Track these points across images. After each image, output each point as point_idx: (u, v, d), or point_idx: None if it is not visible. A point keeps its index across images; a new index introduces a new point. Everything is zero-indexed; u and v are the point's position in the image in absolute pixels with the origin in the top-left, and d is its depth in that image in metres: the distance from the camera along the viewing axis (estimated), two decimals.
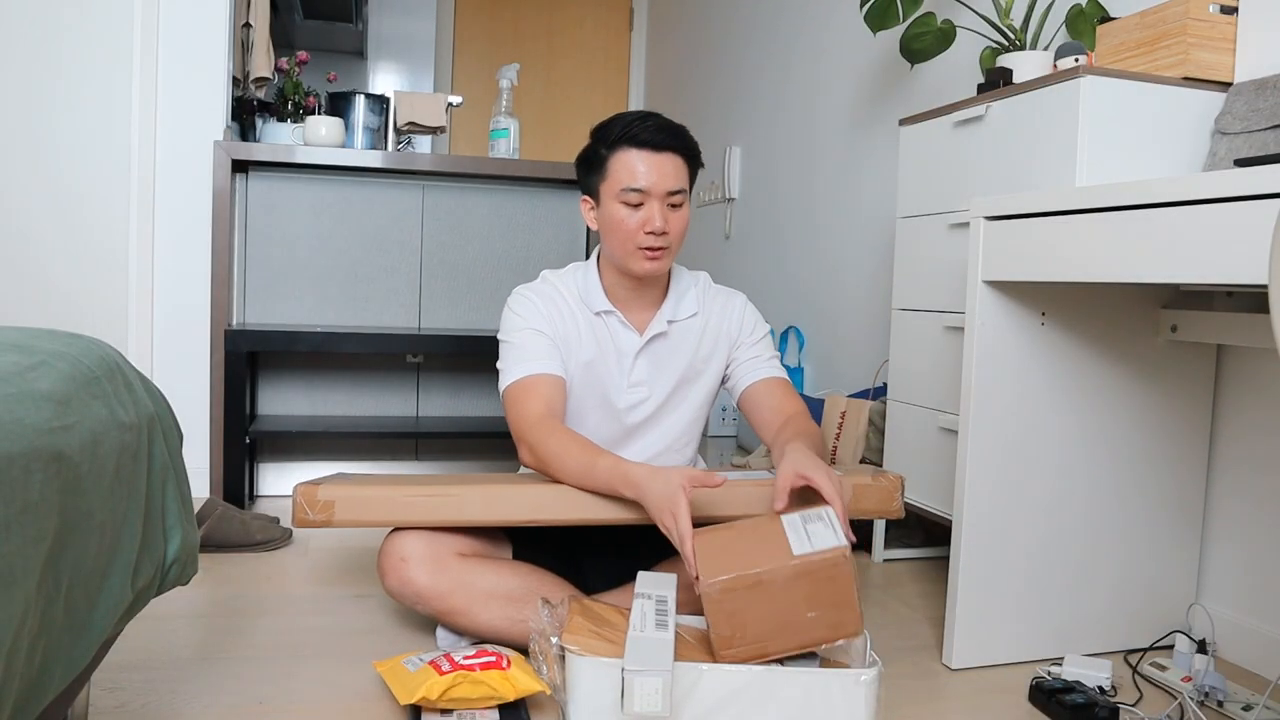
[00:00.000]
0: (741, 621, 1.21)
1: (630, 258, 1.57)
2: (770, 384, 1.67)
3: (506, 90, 2.66)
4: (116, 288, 2.46)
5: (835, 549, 1.20)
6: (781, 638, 1.21)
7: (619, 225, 1.55)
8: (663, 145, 1.54)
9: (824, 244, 3.07)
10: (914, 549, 2.23)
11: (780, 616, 1.21)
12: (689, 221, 1.61)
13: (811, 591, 1.20)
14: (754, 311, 1.73)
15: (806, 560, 1.20)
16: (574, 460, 1.44)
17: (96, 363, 0.98)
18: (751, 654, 1.22)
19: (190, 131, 2.49)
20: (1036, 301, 1.53)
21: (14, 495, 0.72)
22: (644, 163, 1.53)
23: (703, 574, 1.22)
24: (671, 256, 1.59)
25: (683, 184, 1.57)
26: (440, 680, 1.22)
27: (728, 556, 1.24)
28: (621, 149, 1.55)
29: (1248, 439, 1.63)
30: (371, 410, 2.71)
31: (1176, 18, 1.58)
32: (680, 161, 1.56)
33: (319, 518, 1.47)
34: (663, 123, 1.56)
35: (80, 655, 0.88)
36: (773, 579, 1.20)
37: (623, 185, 1.54)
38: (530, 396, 1.54)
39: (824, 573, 1.20)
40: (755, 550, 1.24)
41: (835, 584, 1.20)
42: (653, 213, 1.53)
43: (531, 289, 1.66)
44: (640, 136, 1.54)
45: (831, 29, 3.06)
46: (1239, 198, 1.07)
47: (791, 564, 1.20)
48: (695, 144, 1.61)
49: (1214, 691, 1.42)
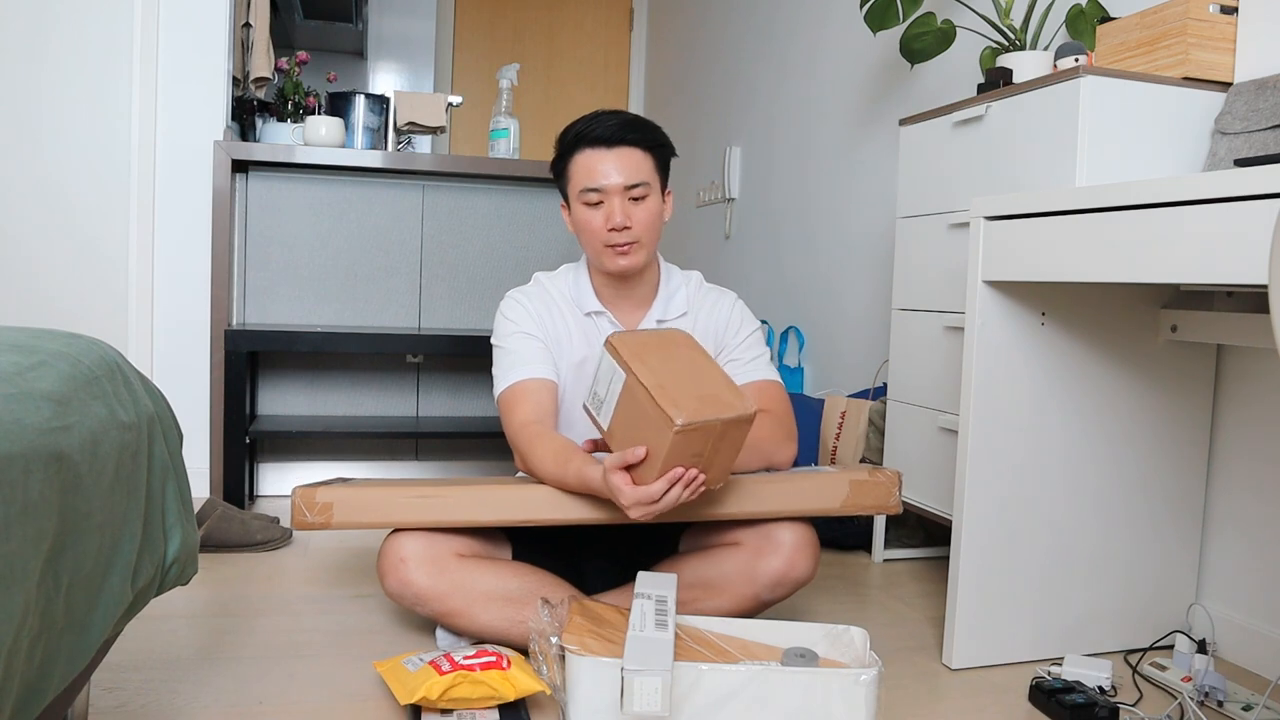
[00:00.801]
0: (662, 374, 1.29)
1: (601, 256, 1.57)
2: (748, 388, 1.63)
3: (506, 90, 2.66)
4: (116, 288, 2.47)
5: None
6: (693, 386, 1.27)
7: (585, 226, 1.56)
8: (616, 140, 1.54)
9: (824, 244, 3.07)
10: (914, 549, 2.23)
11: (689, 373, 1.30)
12: (660, 213, 1.59)
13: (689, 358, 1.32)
14: (742, 309, 1.71)
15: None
16: (551, 466, 1.45)
17: (96, 362, 0.98)
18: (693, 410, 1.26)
19: (190, 131, 2.49)
20: (1036, 301, 1.53)
21: (14, 495, 0.72)
22: (599, 161, 1.54)
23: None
24: (645, 251, 1.57)
25: (643, 177, 1.55)
26: (440, 680, 1.22)
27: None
28: (578, 150, 1.56)
29: (1248, 439, 1.63)
30: (371, 410, 2.71)
31: (1176, 18, 1.58)
32: (640, 154, 1.55)
33: (317, 520, 1.47)
34: (620, 118, 1.55)
35: (80, 655, 0.88)
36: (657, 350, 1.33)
37: (581, 186, 1.55)
38: (520, 403, 1.55)
39: (684, 346, 1.34)
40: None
41: (698, 356, 1.32)
42: (613, 209, 1.53)
43: (522, 292, 1.66)
44: (594, 134, 1.54)
45: (831, 29, 3.06)
46: (1239, 198, 1.07)
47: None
48: (658, 134, 1.59)
49: (1214, 691, 1.42)
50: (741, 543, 1.52)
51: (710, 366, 1.34)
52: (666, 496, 1.26)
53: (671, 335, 1.39)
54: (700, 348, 1.38)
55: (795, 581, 1.50)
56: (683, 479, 1.26)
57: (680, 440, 1.21)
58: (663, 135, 1.61)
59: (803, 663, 1.25)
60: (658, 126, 1.61)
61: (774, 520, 1.50)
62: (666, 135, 1.62)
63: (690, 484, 1.27)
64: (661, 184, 1.61)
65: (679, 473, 1.25)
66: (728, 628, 1.38)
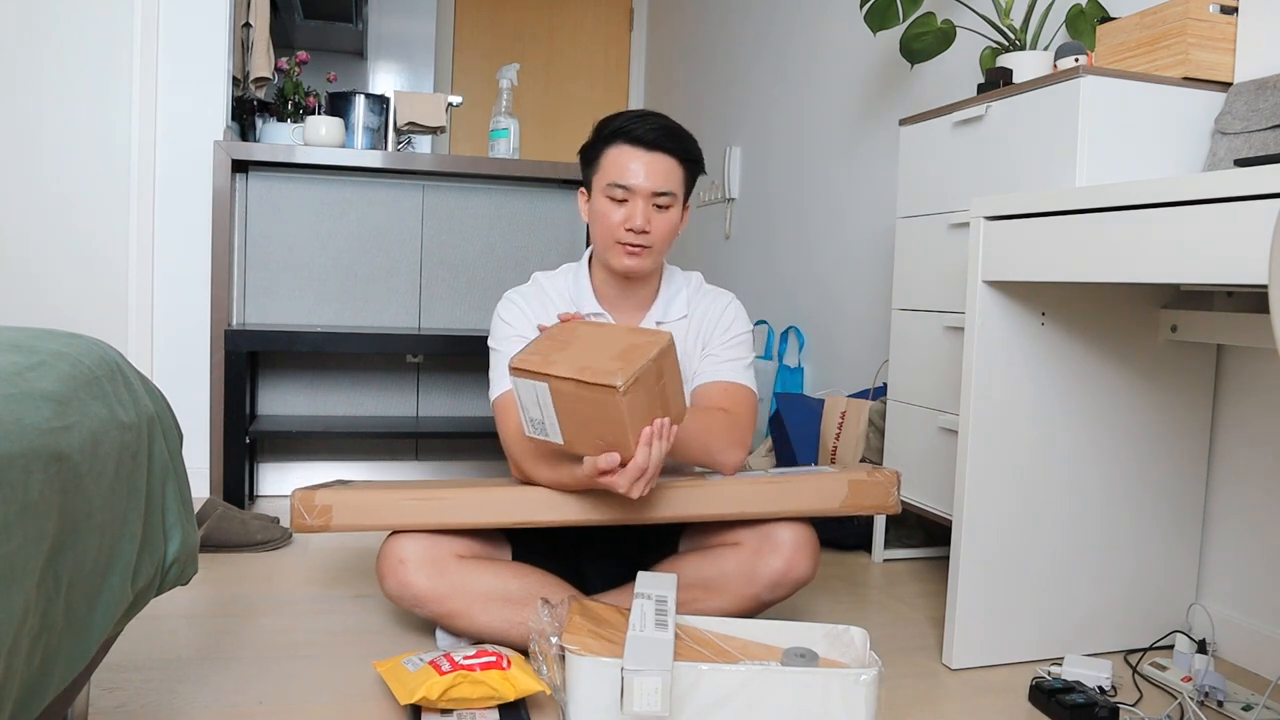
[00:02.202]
0: (555, 347, 1.33)
1: (610, 251, 1.56)
2: (715, 386, 1.60)
3: (506, 90, 2.66)
4: (116, 288, 2.47)
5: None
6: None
7: (603, 218, 1.55)
8: (656, 145, 1.53)
9: (824, 244, 3.07)
10: (914, 549, 2.23)
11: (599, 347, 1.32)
12: (677, 225, 1.58)
13: (626, 339, 1.33)
14: (736, 310, 1.68)
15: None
16: (547, 471, 1.47)
17: (96, 363, 0.98)
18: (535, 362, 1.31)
19: (190, 131, 2.49)
20: (1036, 301, 1.53)
21: (14, 495, 0.72)
22: (634, 160, 1.53)
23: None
24: (654, 256, 1.57)
25: (672, 187, 1.54)
26: (440, 680, 1.22)
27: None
28: (615, 144, 1.55)
29: (1248, 439, 1.63)
30: (371, 410, 2.71)
31: (1176, 18, 1.58)
32: (674, 164, 1.55)
33: (317, 523, 1.47)
34: (663, 124, 1.55)
35: (80, 655, 0.88)
36: (605, 329, 1.38)
37: (610, 180, 1.54)
38: (514, 411, 1.54)
39: (644, 334, 1.34)
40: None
41: (646, 340, 1.32)
42: (635, 210, 1.52)
43: (519, 293, 1.66)
44: (635, 133, 1.53)
45: (831, 29, 3.06)
46: (1239, 198, 1.07)
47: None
48: (695, 149, 1.59)
49: (1214, 691, 1.42)
50: (741, 543, 1.52)
51: (609, 330, 1.39)
52: (652, 458, 1.30)
53: (558, 328, 1.42)
54: (590, 323, 1.43)
55: (795, 582, 1.50)
56: (654, 432, 1.30)
57: (630, 400, 1.25)
58: (698, 151, 1.60)
59: (803, 663, 1.25)
60: (695, 141, 1.59)
61: (774, 520, 1.50)
62: (701, 152, 1.61)
63: (662, 433, 1.31)
64: (685, 197, 1.60)
65: (648, 431, 1.29)
66: (728, 628, 1.38)
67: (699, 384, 1.62)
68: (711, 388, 1.60)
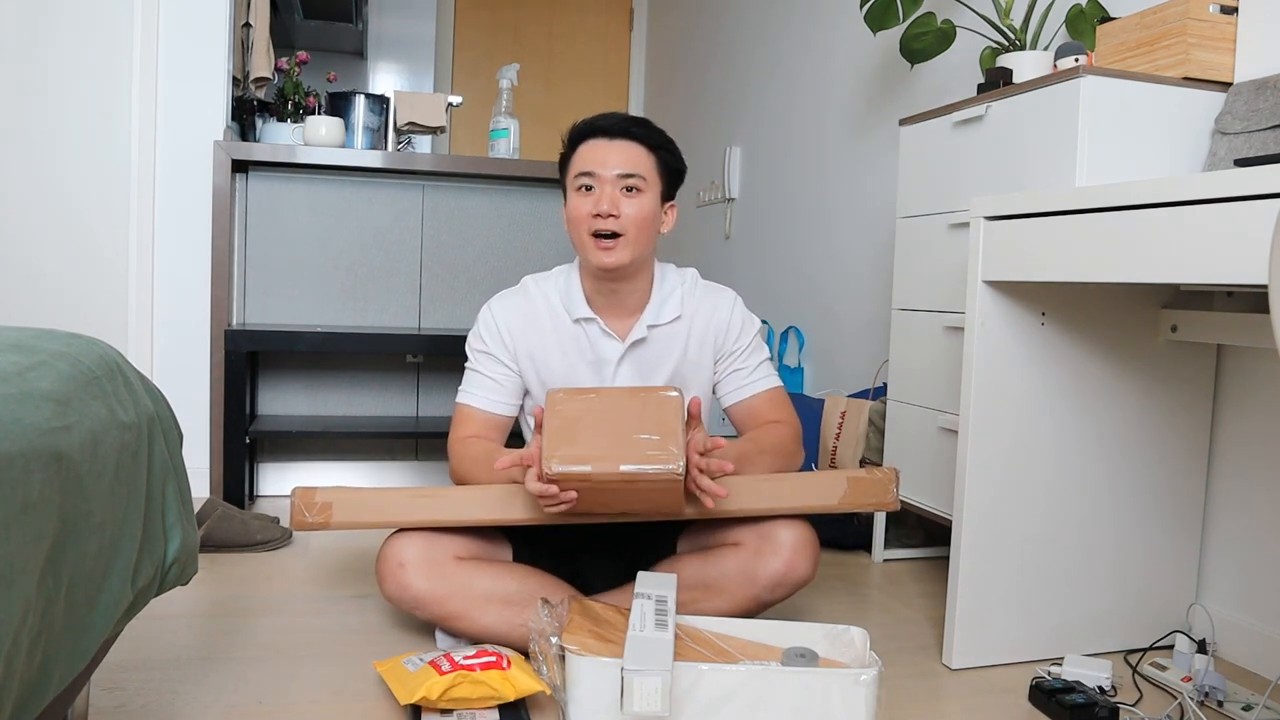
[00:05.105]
0: (573, 432, 1.31)
1: (585, 248, 1.55)
2: (758, 399, 1.65)
3: (506, 90, 2.66)
4: (116, 287, 2.46)
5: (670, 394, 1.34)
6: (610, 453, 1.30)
7: (574, 214, 1.56)
8: (621, 133, 1.55)
9: (824, 244, 3.07)
10: (914, 549, 2.23)
11: (610, 431, 1.31)
12: (653, 215, 1.55)
13: (641, 412, 1.32)
14: (742, 312, 1.67)
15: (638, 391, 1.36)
16: (472, 466, 1.55)
17: (96, 362, 0.98)
18: (574, 458, 1.30)
19: (190, 131, 2.49)
20: (1036, 301, 1.53)
21: (14, 495, 0.72)
22: (597, 149, 1.55)
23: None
24: (630, 249, 1.53)
25: (639, 169, 1.53)
26: (440, 680, 1.22)
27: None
28: (581, 142, 1.57)
29: (1248, 439, 1.63)
30: (371, 410, 2.71)
31: (1176, 18, 1.58)
32: (640, 149, 1.55)
33: (317, 520, 1.48)
34: (628, 115, 1.58)
35: (80, 655, 0.88)
36: (605, 397, 1.35)
37: (576, 171, 1.56)
38: (464, 423, 1.64)
39: (654, 399, 1.33)
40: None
41: (664, 409, 1.32)
42: (601, 195, 1.52)
43: (503, 304, 1.65)
44: (598, 125, 1.56)
45: (831, 29, 3.06)
46: (1239, 198, 1.07)
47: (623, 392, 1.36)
48: (662, 136, 1.58)
49: (1214, 691, 1.42)
50: (741, 543, 1.52)
51: (608, 397, 1.36)
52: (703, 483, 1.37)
53: (554, 406, 1.35)
54: (579, 393, 1.37)
55: (795, 582, 1.50)
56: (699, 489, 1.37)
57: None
58: (667, 139, 1.59)
59: (803, 663, 1.25)
60: (664, 133, 1.60)
61: (774, 520, 1.50)
62: (675, 145, 1.60)
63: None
64: (662, 188, 1.58)
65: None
66: (728, 628, 1.38)
67: (740, 400, 1.65)
68: (756, 402, 1.64)
